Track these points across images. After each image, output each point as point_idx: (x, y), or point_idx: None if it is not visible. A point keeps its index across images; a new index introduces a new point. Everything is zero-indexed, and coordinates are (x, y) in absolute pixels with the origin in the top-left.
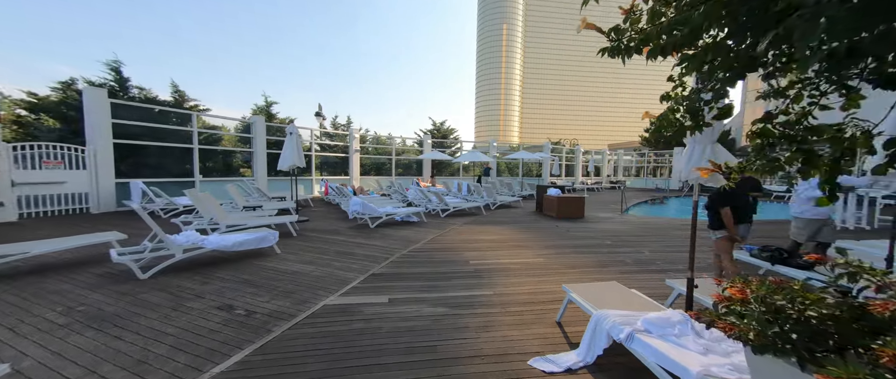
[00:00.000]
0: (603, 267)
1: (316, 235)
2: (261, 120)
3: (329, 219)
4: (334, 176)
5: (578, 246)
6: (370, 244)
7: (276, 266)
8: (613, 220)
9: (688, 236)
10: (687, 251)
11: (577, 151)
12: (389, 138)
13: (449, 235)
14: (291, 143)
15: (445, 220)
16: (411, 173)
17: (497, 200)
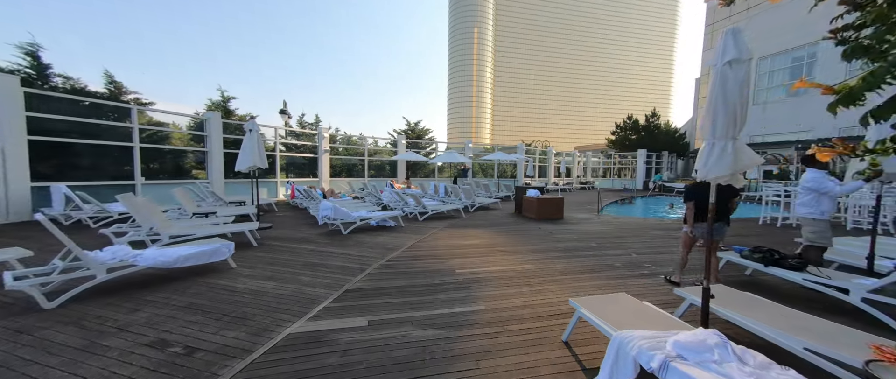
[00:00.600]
0: (594, 272)
1: (280, 244)
2: (216, 116)
3: (296, 225)
4: (301, 178)
5: (565, 249)
6: (343, 253)
7: (231, 284)
8: (591, 220)
9: (666, 235)
10: (671, 252)
11: (549, 153)
12: (361, 138)
13: (430, 241)
14: (251, 142)
15: (424, 223)
16: (384, 175)
17: (476, 201)
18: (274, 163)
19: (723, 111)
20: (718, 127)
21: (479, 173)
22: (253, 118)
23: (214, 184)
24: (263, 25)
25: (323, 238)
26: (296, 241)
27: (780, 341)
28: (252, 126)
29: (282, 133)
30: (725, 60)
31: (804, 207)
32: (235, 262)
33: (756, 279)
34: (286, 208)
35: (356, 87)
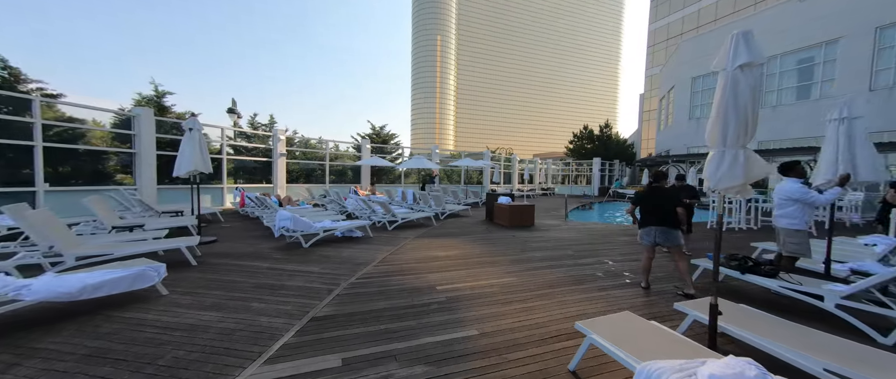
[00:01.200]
0: (578, 284)
1: (227, 262)
2: (147, 113)
3: (246, 238)
4: (253, 184)
5: (544, 259)
6: (306, 271)
7: (159, 319)
8: (561, 227)
9: (633, 241)
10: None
11: (513, 160)
12: (320, 142)
13: (403, 253)
14: (191, 143)
15: (394, 233)
16: (346, 181)
17: (446, 208)
18: (220, 167)
19: (734, 118)
20: (729, 134)
21: (444, 179)
22: (195, 116)
23: (144, 191)
24: (213, 18)
25: (280, 253)
26: (246, 257)
27: (800, 363)
28: (193, 124)
29: (230, 134)
30: (737, 64)
31: (787, 219)
32: (167, 287)
33: (727, 285)
34: (235, 218)
35: (315, 90)
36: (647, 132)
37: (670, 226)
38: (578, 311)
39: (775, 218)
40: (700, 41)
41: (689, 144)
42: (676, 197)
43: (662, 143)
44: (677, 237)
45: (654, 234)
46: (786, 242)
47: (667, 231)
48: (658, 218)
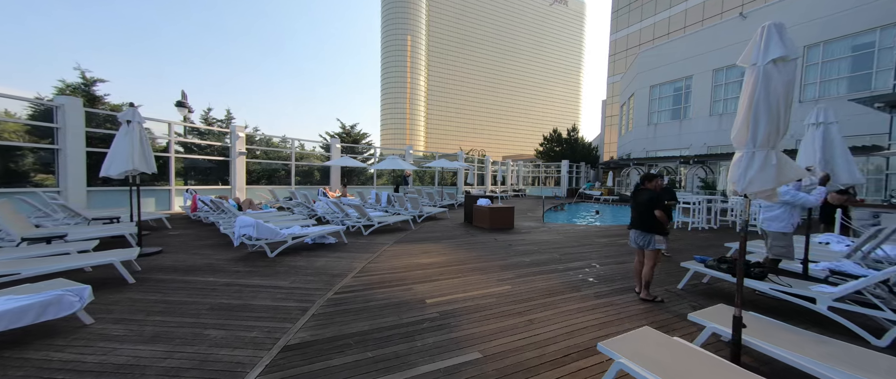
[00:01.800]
0: (576, 290)
1: (175, 278)
2: (74, 104)
3: (199, 248)
4: (208, 185)
5: (532, 264)
6: (273, 287)
7: (79, 359)
8: (540, 229)
9: (612, 243)
10: (628, 261)
11: (486, 161)
12: (284, 141)
13: (383, 260)
14: (130, 138)
15: (370, 238)
16: (313, 182)
17: (423, 211)
18: (166, 166)
19: (766, 116)
20: (760, 134)
21: (417, 181)
22: (134, 106)
23: (70, 193)
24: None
25: (241, 265)
26: (199, 271)
27: None
28: (132, 116)
29: (179, 130)
30: (770, 58)
31: (776, 222)
32: (94, 315)
33: (714, 287)
34: (185, 224)
35: (277, 90)
36: (610, 136)
37: (646, 229)
38: (583, 323)
39: (762, 221)
40: (657, 52)
41: (648, 148)
42: (655, 199)
43: (624, 147)
44: (652, 242)
45: (633, 236)
46: (773, 245)
47: (643, 234)
48: (637, 220)
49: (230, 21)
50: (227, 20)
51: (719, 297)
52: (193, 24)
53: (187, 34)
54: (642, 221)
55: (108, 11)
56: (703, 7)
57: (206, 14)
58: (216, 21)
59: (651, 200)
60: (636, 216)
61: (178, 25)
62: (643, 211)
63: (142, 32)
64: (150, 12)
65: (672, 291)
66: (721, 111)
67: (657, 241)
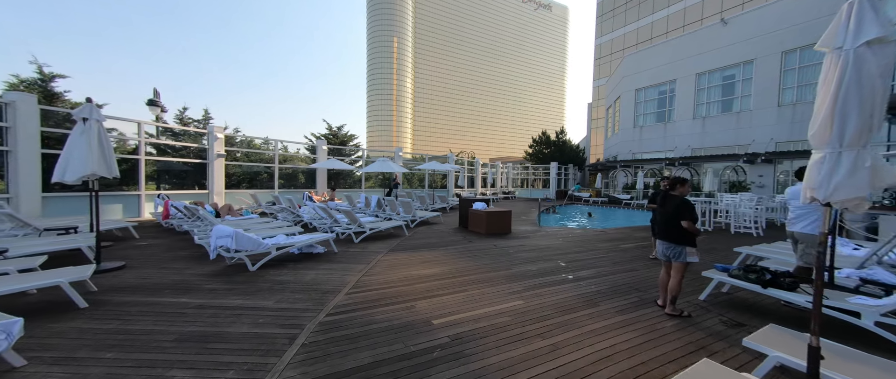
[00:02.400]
0: (593, 305)
1: (138, 300)
2: (28, 100)
3: (170, 261)
4: (183, 190)
5: (539, 273)
6: (255, 309)
7: None
8: (538, 233)
9: (614, 247)
10: (637, 269)
11: (476, 164)
12: (266, 142)
13: (379, 273)
14: (87, 138)
15: (362, 247)
16: (296, 186)
17: (416, 216)
18: (135, 169)
19: (857, 109)
20: (849, 131)
21: (405, 183)
22: (92, 102)
23: (21, 200)
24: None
25: (217, 282)
26: (168, 290)
27: None
28: (88, 113)
29: (151, 130)
30: (863, 40)
31: (812, 226)
32: (26, 353)
33: (735, 296)
34: (155, 233)
35: (258, 88)
36: (596, 139)
37: (675, 240)
38: (614, 346)
39: (798, 226)
40: (642, 56)
41: (634, 150)
42: (683, 208)
43: (610, 150)
44: (681, 254)
45: (661, 247)
46: (806, 252)
47: (672, 246)
48: (663, 230)
49: (209, 18)
50: (206, 17)
51: (746, 309)
52: (170, 19)
53: (163, 30)
54: (670, 231)
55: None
56: (683, 13)
57: (184, 10)
58: (194, 17)
59: (679, 209)
60: (663, 226)
61: (151, 18)
62: (670, 220)
63: (110, 26)
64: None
65: (694, 303)
66: (704, 114)
67: (689, 253)
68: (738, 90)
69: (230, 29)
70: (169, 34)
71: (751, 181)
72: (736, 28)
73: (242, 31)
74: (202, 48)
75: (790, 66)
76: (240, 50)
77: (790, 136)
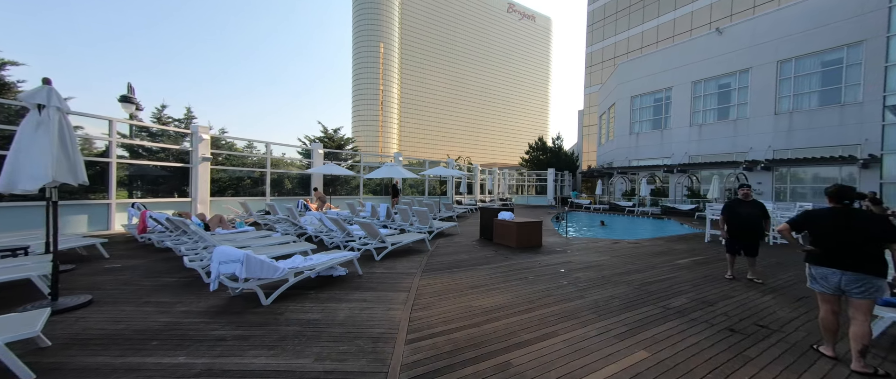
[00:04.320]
0: (744, 356)
1: (110, 361)
2: None
3: (152, 290)
4: (161, 197)
5: (627, 305)
6: (289, 373)
7: None
8: (572, 246)
9: (668, 262)
10: (713, 286)
11: (474, 170)
12: (250, 146)
13: (429, 305)
14: (45, 133)
15: (387, 266)
16: (283, 192)
17: (434, 226)
18: (106, 174)
19: None
20: None
21: (406, 190)
22: (50, 85)
23: None
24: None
25: (222, 323)
26: (155, 341)
27: None
28: (46, 98)
29: (124, 129)
30: None
31: None
32: None
33: None
34: (129, 250)
35: (239, 96)
36: (588, 145)
37: (872, 273)
38: None
39: None
40: (637, 64)
41: (631, 157)
42: (888, 229)
43: (605, 156)
44: (879, 290)
45: (841, 280)
46: None
47: (861, 279)
48: (853, 258)
49: (190, 20)
50: (187, 19)
51: None
52: (150, 19)
53: (142, 28)
54: (863, 258)
55: None
56: (673, 24)
57: (168, 11)
58: (177, 19)
59: (883, 228)
60: (854, 252)
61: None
62: (867, 243)
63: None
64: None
65: None
66: (701, 121)
67: (885, 287)
68: (735, 98)
69: (213, 38)
70: (156, 43)
71: (753, 189)
72: (731, 37)
73: (224, 41)
74: (188, 56)
75: (786, 76)
76: (222, 60)
77: (787, 144)
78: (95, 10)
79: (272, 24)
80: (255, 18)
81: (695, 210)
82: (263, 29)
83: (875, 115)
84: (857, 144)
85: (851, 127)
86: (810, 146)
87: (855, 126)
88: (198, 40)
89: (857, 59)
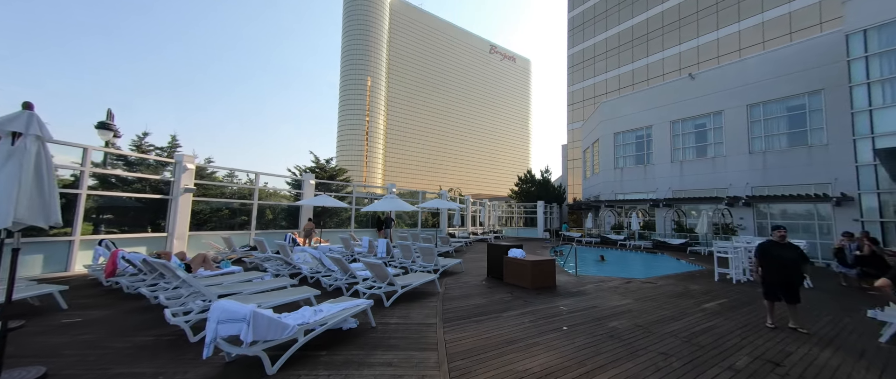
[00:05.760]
0: None
1: None
2: None
3: (125, 356)
4: (133, 233)
5: (689, 365)
6: None
7: None
8: (586, 286)
9: (695, 304)
10: (781, 341)
11: (466, 201)
12: (231, 175)
13: (472, 372)
14: (17, 165)
15: (401, 313)
16: (269, 224)
17: (439, 264)
18: (72, 207)
19: None
20: None
21: (398, 222)
22: (31, 109)
23: None
24: None
25: None
26: None
27: None
28: (23, 125)
29: (98, 158)
30: None
31: None
32: None
33: None
34: (93, 298)
35: (219, 120)
36: (573, 178)
37: None
38: None
39: None
40: (617, 103)
41: (617, 191)
42: None
43: (591, 189)
44: None
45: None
46: None
47: None
48: None
49: (166, 45)
50: (164, 45)
51: None
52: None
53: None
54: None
55: None
56: (647, 68)
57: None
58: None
59: None
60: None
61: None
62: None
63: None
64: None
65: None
66: (681, 158)
67: None
68: (711, 138)
69: (196, 68)
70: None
71: (736, 224)
72: (702, 82)
73: (211, 67)
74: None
75: (755, 118)
76: (208, 88)
77: (763, 181)
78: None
79: (261, 55)
80: (242, 49)
81: (686, 244)
82: (250, 60)
83: (840, 157)
84: (828, 183)
85: (820, 167)
86: (785, 184)
87: (823, 166)
88: (182, 68)
89: (818, 106)
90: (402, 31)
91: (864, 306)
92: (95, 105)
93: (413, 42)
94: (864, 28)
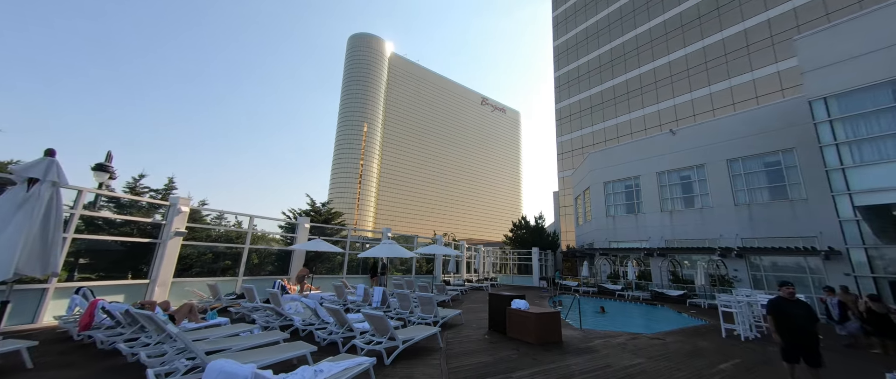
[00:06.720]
0: None
1: None
2: None
3: None
4: (112, 280)
5: None
6: None
7: None
8: (594, 342)
9: (719, 370)
10: None
11: (461, 247)
12: (219, 217)
13: None
14: (29, 213)
15: (405, 373)
16: (256, 270)
17: (439, 316)
18: None
19: None
20: None
21: (392, 269)
22: (53, 157)
23: None
24: None
25: None
26: None
27: None
28: (42, 172)
29: (89, 198)
30: None
31: None
32: None
33: None
34: (63, 354)
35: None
36: (565, 225)
37: None
38: None
39: None
40: (606, 154)
41: (610, 239)
42: None
43: (584, 237)
44: None
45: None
46: None
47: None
48: None
49: (172, 84)
50: (170, 83)
51: None
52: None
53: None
54: None
55: None
56: (630, 123)
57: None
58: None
59: None
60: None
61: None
62: None
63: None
64: None
65: None
66: (671, 208)
67: None
68: (697, 189)
69: (186, 109)
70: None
71: (731, 276)
72: (683, 137)
73: (207, 110)
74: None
75: (736, 172)
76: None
77: (752, 233)
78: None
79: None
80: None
81: (685, 296)
82: (248, 100)
83: (822, 211)
84: (814, 236)
85: (804, 220)
86: (773, 236)
87: (807, 220)
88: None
89: (793, 163)
90: (399, 81)
91: (880, 368)
92: (97, 146)
93: (409, 93)
94: (824, 96)
